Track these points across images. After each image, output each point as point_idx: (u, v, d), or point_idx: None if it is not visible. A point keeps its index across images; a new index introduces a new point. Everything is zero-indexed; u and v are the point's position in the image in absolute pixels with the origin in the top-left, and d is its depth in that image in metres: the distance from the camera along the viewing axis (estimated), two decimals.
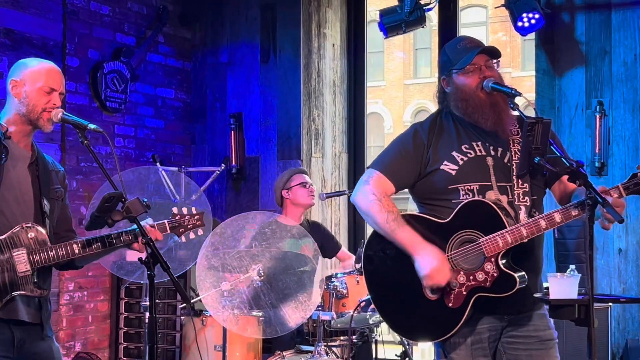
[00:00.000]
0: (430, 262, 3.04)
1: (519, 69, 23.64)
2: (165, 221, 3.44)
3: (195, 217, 3.54)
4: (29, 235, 3.20)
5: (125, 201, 3.10)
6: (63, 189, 3.46)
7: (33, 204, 3.29)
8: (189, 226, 3.52)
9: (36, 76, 3.30)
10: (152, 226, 3.36)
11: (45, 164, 3.39)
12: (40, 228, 3.23)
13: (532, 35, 6.15)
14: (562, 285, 2.88)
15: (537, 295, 3.03)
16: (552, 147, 3.00)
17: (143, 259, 3.12)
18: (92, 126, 3.24)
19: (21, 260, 3.17)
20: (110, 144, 3.30)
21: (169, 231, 3.44)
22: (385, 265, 3.21)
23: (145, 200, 3.15)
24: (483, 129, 3.19)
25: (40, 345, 3.32)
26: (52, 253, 3.21)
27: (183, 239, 3.54)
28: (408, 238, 3.10)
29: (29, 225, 3.22)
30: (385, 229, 3.15)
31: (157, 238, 3.33)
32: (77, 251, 3.24)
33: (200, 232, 3.57)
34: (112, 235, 3.29)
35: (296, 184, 5.54)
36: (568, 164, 2.89)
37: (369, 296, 3.42)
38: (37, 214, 3.30)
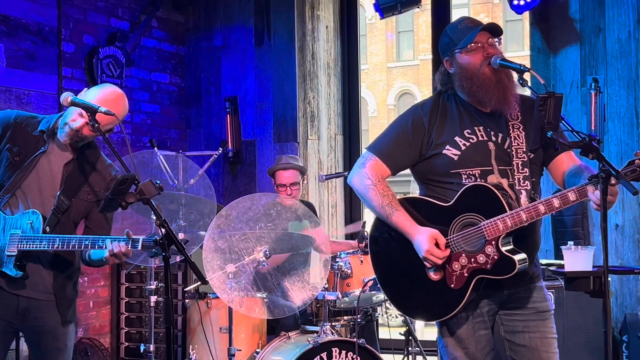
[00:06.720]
0: (426, 243, 3.09)
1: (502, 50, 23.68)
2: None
3: None
4: (29, 221, 3.34)
5: (139, 183, 3.13)
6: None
7: (55, 198, 3.43)
8: None
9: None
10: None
11: (83, 167, 3.49)
12: (40, 217, 3.34)
13: (517, 16, 6.16)
14: (577, 258, 2.90)
15: (551, 268, 3.06)
16: (563, 121, 3.02)
17: (158, 240, 3.15)
18: (102, 109, 3.28)
19: (13, 242, 3.33)
20: (121, 128, 3.31)
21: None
22: (389, 247, 3.26)
23: (159, 182, 3.17)
24: (485, 112, 3.22)
25: (50, 323, 3.46)
26: (36, 243, 3.31)
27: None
28: (402, 222, 3.17)
29: (32, 211, 3.36)
30: (380, 213, 3.22)
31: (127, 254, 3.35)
32: (56, 247, 3.32)
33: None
34: (91, 239, 3.34)
35: (276, 184, 5.55)
36: (580, 138, 2.92)
37: (374, 276, 3.46)
38: (53, 207, 3.43)
